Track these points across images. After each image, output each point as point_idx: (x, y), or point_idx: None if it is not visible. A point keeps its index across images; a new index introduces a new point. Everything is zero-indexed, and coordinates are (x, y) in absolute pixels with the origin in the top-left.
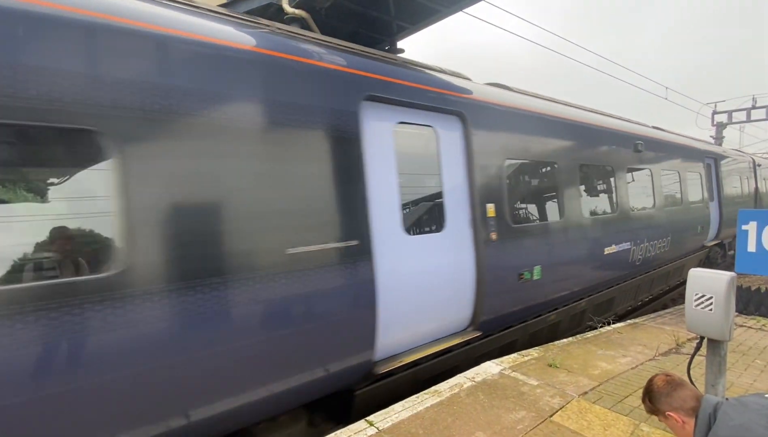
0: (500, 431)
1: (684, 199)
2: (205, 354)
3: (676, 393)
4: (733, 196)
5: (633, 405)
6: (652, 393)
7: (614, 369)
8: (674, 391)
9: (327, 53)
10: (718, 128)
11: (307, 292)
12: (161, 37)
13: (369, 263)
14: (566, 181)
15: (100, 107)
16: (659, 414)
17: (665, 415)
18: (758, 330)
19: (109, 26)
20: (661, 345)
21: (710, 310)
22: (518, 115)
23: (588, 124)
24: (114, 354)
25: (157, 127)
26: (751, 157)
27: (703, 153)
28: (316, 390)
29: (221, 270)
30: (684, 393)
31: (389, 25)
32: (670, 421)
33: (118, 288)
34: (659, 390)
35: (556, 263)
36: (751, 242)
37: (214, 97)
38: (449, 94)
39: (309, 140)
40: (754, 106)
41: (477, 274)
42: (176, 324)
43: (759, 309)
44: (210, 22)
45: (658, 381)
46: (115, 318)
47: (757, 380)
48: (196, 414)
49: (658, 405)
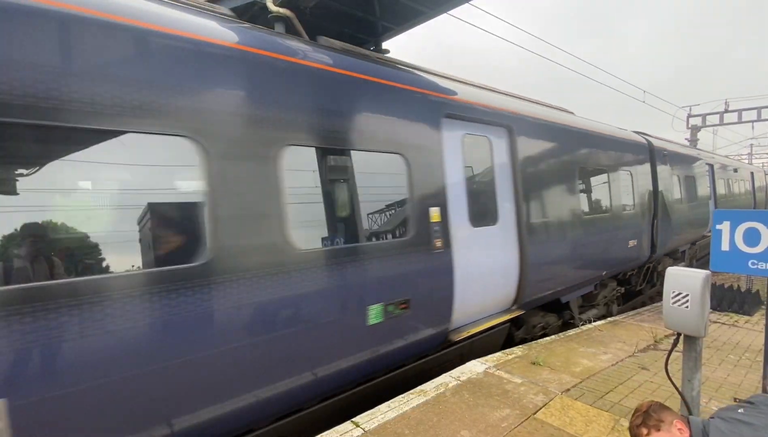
0: (485, 429)
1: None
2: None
3: (670, 409)
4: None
5: (614, 400)
6: (651, 408)
7: (595, 366)
8: (668, 408)
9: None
10: (693, 131)
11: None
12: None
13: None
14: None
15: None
16: (660, 428)
17: (671, 424)
18: (731, 326)
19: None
20: (640, 341)
21: (687, 307)
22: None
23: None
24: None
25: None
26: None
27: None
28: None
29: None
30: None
31: (375, 25)
32: (672, 432)
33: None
34: (657, 405)
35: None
36: (724, 241)
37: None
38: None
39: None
40: (726, 110)
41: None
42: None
43: (732, 306)
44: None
45: (650, 402)
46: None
47: (731, 374)
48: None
49: (663, 415)
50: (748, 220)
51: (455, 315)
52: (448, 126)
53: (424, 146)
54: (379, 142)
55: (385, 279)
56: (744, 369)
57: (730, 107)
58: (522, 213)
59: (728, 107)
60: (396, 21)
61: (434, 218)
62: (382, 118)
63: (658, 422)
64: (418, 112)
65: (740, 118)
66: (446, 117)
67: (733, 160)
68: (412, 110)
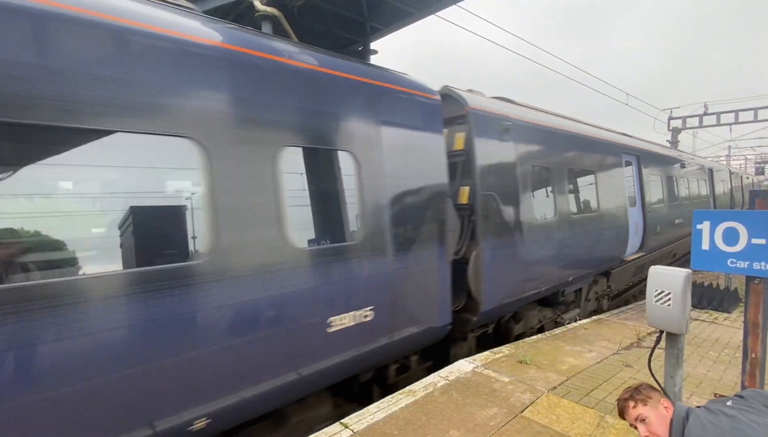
0: (473, 428)
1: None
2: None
3: (659, 390)
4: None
5: (599, 397)
6: (642, 386)
7: (581, 364)
8: (657, 389)
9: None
10: (674, 133)
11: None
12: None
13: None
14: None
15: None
16: (647, 403)
17: (658, 402)
18: (711, 324)
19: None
20: (624, 339)
21: (669, 305)
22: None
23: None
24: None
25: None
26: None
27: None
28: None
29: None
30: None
31: (363, 25)
32: (658, 409)
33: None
34: (647, 385)
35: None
36: (705, 240)
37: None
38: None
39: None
40: (705, 113)
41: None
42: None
43: (711, 304)
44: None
45: (641, 382)
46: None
47: (711, 370)
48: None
49: (651, 393)
50: (727, 220)
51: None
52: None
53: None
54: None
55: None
56: (723, 366)
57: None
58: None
59: (707, 110)
60: (384, 21)
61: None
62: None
63: (646, 398)
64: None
65: (718, 121)
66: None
67: (683, 152)
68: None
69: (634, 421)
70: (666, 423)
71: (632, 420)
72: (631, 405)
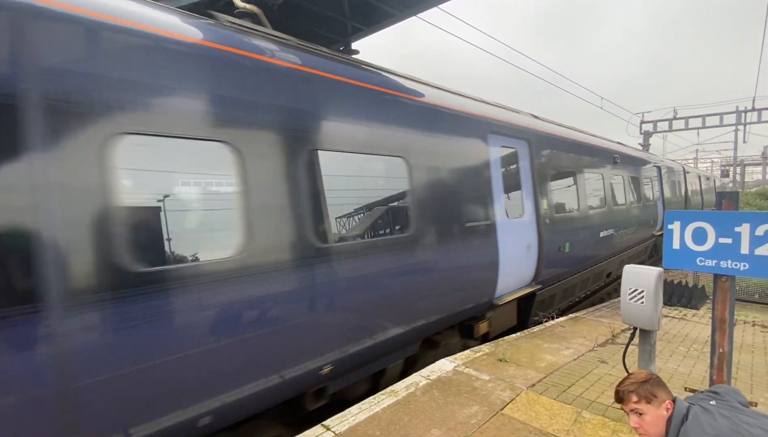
0: (455, 427)
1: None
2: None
3: (667, 389)
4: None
5: (576, 394)
6: (651, 380)
7: (558, 361)
8: (665, 386)
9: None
10: (645, 136)
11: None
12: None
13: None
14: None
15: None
16: (651, 401)
17: (662, 402)
18: (680, 320)
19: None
20: (599, 336)
21: (642, 303)
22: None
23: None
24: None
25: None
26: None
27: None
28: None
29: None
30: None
31: (344, 25)
32: (660, 409)
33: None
34: (657, 379)
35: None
36: (675, 240)
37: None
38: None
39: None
40: (675, 117)
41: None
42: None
43: (680, 301)
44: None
45: (650, 374)
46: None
47: (681, 365)
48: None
49: (658, 391)
50: (696, 220)
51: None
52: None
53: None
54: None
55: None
56: (692, 360)
57: (678, 114)
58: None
59: (676, 114)
60: (366, 22)
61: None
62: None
63: (651, 396)
64: (480, 130)
65: (687, 125)
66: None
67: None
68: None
69: (630, 411)
70: (662, 423)
71: (628, 410)
72: (633, 398)
